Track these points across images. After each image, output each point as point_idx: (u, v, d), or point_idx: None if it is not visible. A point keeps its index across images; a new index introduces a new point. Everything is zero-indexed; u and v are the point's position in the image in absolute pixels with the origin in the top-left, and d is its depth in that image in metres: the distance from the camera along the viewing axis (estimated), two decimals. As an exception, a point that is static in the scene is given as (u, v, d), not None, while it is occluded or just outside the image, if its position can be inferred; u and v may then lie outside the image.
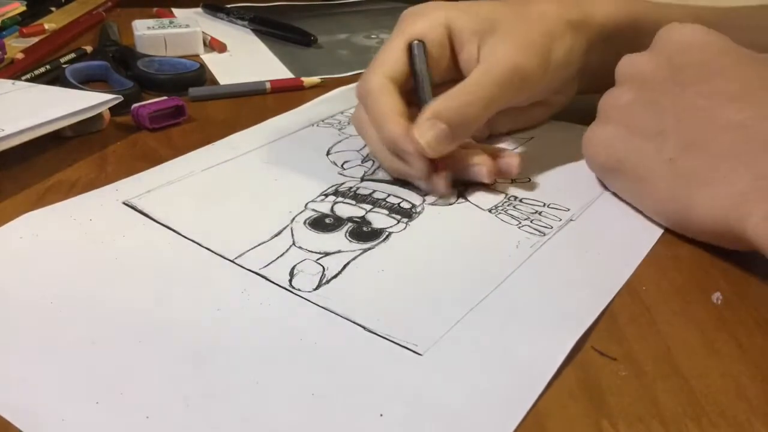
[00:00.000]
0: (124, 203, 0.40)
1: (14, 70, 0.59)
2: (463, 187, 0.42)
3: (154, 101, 0.50)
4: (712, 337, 0.30)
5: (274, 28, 0.74)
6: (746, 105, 0.33)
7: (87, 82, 0.57)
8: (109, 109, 0.49)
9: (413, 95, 0.42)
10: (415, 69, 0.42)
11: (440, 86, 0.41)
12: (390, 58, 0.42)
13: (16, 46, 0.66)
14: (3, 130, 0.41)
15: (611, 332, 0.30)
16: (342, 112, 0.53)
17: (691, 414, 0.26)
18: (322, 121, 0.52)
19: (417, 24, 0.43)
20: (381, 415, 0.26)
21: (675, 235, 0.37)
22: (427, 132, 0.38)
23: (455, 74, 0.43)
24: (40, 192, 0.41)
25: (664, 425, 0.25)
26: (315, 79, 0.59)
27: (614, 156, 0.38)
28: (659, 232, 0.37)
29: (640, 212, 0.39)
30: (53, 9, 0.80)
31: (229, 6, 0.80)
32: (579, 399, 0.27)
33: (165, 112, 0.50)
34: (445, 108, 0.39)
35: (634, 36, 0.45)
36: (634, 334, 0.30)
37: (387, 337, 0.30)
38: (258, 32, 0.75)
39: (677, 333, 0.30)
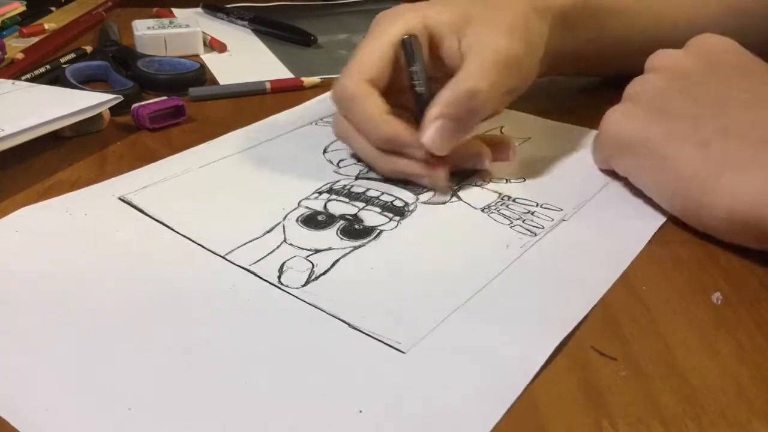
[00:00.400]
0: (119, 199, 0.40)
1: (14, 70, 0.59)
2: (457, 186, 0.42)
3: (154, 101, 0.50)
4: (712, 337, 0.30)
5: (274, 28, 0.74)
6: None
7: (87, 82, 0.57)
8: (109, 109, 0.49)
9: (405, 93, 0.42)
10: (411, 64, 0.41)
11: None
12: (368, 61, 0.41)
13: (16, 46, 0.66)
14: (3, 130, 0.41)
15: (611, 332, 0.30)
16: None
17: (691, 414, 0.26)
18: (321, 119, 0.52)
19: (396, 25, 0.42)
20: (360, 411, 0.26)
21: (675, 235, 0.37)
22: (435, 131, 0.39)
23: (436, 71, 0.43)
24: (40, 192, 0.41)
25: (664, 425, 0.25)
26: (315, 79, 0.59)
27: (640, 134, 0.38)
28: (650, 234, 0.37)
29: (636, 210, 0.39)
30: (53, 9, 0.80)
31: (229, 6, 0.80)
32: (579, 399, 0.27)
33: (165, 112, 0.50)
34: (449, 103, 0.39)
35: (587, 21, 0.47)
36: (634, 334, 0.30)
37: (371, 334, 0.30)
38: (258, 32, 0.75)
39: (677, 333, 0.30)
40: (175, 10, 0.82)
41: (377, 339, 0.30)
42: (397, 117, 0.40)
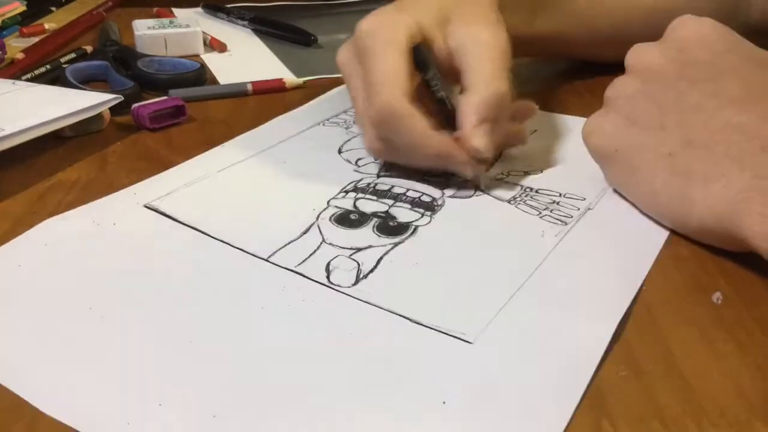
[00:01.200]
0: (145, 206, 0.39)
1: (14, 70, 0.59)
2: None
3: (154, 101, 0.50)
4: (712, 337, 0.30)
5: (274, 28, 0.74)
6: (749, 107, 0.33)
7: (87, 82, 0.57)
8: (109, 109, 0.49)
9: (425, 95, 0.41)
10: (426, 71, 0.41)
11: None
12: (396, 76, 0.39)
13: (16, 45, 0.66)
14: (3, 129, 0.41)
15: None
16: (345, 111, 0.53)
17: (691, 414, 0.26)
18: (327, 120, 0.52)
19: (399, 33, 0.41)
20: (444, 402, 0.26)
21: (675, 234, 0.37)
22: (483, 137, 0.39)
23: None
24: (40, 192, 0.41)
25: (664, 425, 0.25)
26: (297, 80, 0.59)
27: (612, 145, 0.39)
28: None
29: None
30: (53, 9, 0.80)
31: (229, 6, 0.80)
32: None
33: (165, 112, 0.50)
34: (486, 108, 0.39)
35: (542, 6, 0.48)
36: (634, 334, 0.30)
37: (435, 327, 0.30)
38: (258, 32, 0.75)
39: (677, 333, 0.30)
40: (175, 10, 0.82)
41: (441, 332, 0.30)
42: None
